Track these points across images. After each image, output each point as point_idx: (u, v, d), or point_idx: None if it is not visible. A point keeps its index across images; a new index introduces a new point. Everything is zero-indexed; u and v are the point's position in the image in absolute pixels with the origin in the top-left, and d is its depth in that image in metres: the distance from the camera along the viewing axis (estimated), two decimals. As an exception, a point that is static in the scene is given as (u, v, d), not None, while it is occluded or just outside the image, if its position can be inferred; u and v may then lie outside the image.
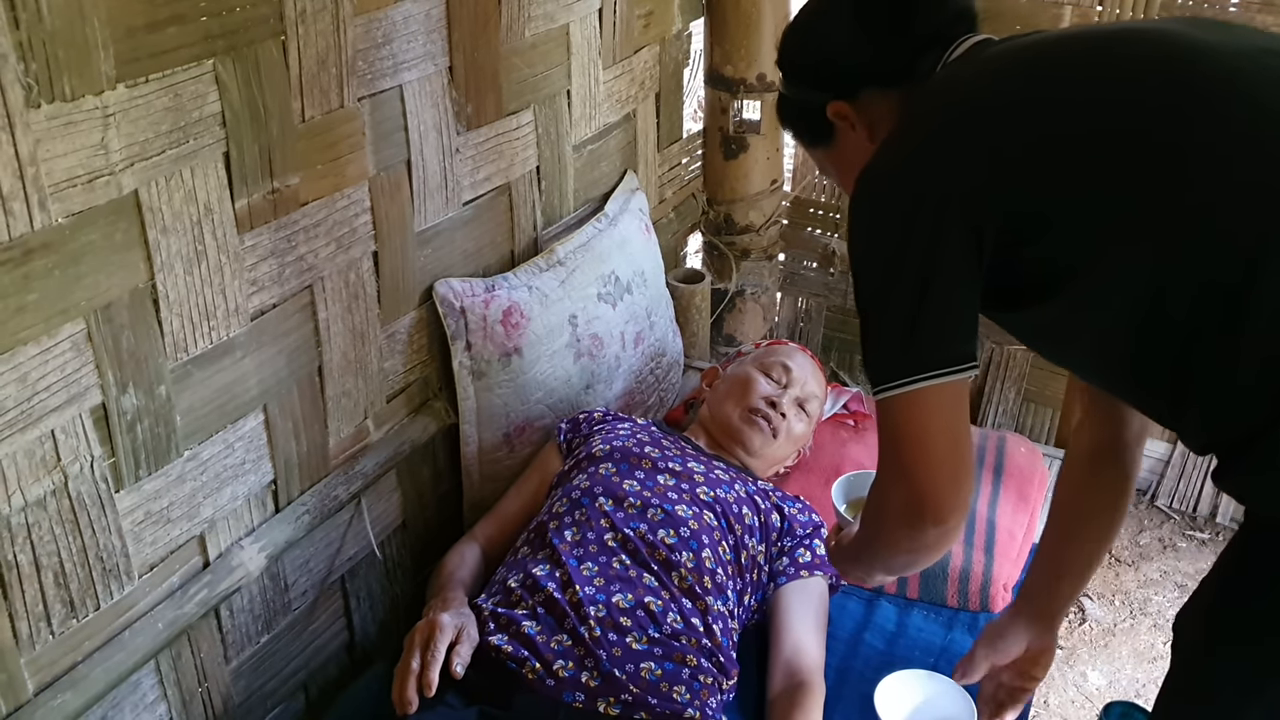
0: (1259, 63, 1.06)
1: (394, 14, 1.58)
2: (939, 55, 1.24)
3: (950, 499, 1.13)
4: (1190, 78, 1.06)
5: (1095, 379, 1.32)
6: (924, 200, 1.11)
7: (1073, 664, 2.34)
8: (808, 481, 2.00)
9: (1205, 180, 1.03)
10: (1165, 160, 1.04)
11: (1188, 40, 1.09)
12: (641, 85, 2.31)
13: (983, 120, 1.12)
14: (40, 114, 1.14)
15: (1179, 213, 1.04)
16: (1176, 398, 1.11)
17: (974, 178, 1.10)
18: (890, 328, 1.13)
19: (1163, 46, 1.10)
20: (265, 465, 1.57)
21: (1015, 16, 2.47)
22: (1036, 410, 2.79)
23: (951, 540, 1.19)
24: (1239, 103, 1.04)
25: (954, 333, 1.12)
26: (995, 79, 1.16)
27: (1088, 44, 1.16)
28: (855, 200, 1.17)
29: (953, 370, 1.10)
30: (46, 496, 1.27)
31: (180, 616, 1.46)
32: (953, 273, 1.10)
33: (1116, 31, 1.16)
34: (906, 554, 1.22)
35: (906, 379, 1.10)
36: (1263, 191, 1.01)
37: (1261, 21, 2.26)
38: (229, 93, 1.35)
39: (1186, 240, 1.03)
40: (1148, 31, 1.16)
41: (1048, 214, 1.09)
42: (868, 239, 1.16)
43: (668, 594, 1.56)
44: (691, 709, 1.46)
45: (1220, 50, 1.08)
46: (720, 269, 2.79)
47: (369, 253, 1.66)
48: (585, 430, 1.88)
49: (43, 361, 1.22)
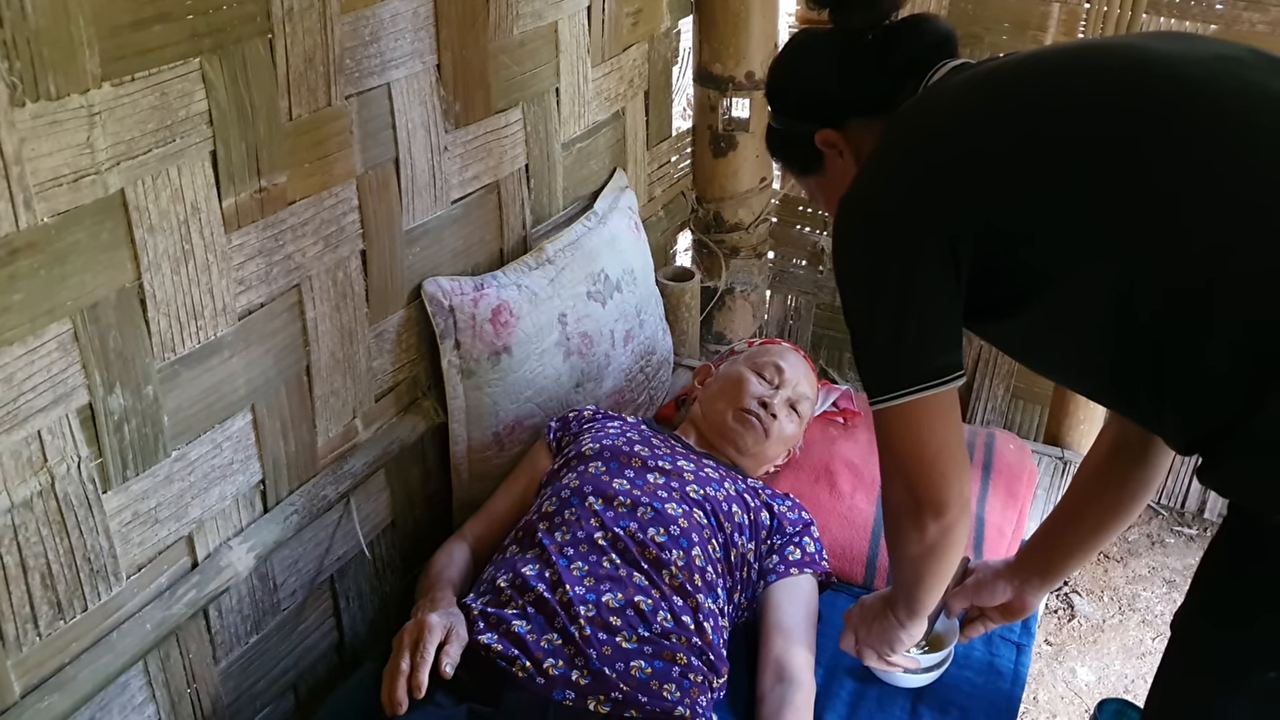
0: (1238, 78, 1.09)
1: (381, 11, 1.58)
2: (919, 81, 1.28)
3: (943, 494, 1.24)
4: (1154, 85, 1.09)
5: (1079, 387, 1.37)
6: (901, 221, 1.17)
7: (1062, 660, 2.35)
8: (798, 479, 2.00)
9: (1170, 184, 1.06)
10: (1131, 166, 1.07)
11: (1152, 52, 1.13)
12: (630, 83, 2.31)
13: (954, 140, 1.17)
14: (25, 113, 1.14)
15: (1146, 219, 1.06)
16: (1154, 400, 1.13)
17: (948, 196, 1.15)
18: (877, 345, 1.22)
19: (1128, 57, 1.14)
20: (253, 465, 1.56)
21: (1004, 14, 2.48)
22: (1025, 407, 2.79)
23: (957, 536, 1.29)
24: (1210, 112, 1.07)
25: (938, 347, 1.19)
26: (967, 100, 1.20)
27: (1055, 60, 1.20)
28: (838, 223, 1.23)
29: (939, 383, 1.18)
30: (33, 497, 1.26)
31: (169, 617, 1.45)
32: (933, 289, 1.16)
33: (1082, 47, 1.22)
34: (913, 555, 1.32)
35: (896, 393, 1.19)
36: (1229, 199, 1.04)
37: (1248, 19, 2.27)
38: (216, 91, 1.34)
39: (1153, 244, 1.06)
40: (1112, 45, 1.21)
41: (1020, 225, 1.13)
42: (850, 260, 1.23)
43: (658, 593, 1.56)
44: (682, 707, 1.46)
45: (1184, 59, 1.10)
46: (710, 267, 2.79)
47: (357, 251, 1.66)
48: (575, 429, 1.88)
49: (29, 362, 1.22)
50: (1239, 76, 1.08)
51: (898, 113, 1.26)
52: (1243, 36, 2.28)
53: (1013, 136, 1.13)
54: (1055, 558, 1.55)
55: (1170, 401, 1.11)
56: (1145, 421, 1.22)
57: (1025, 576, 1.58)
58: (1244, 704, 1.12)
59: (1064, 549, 1.54)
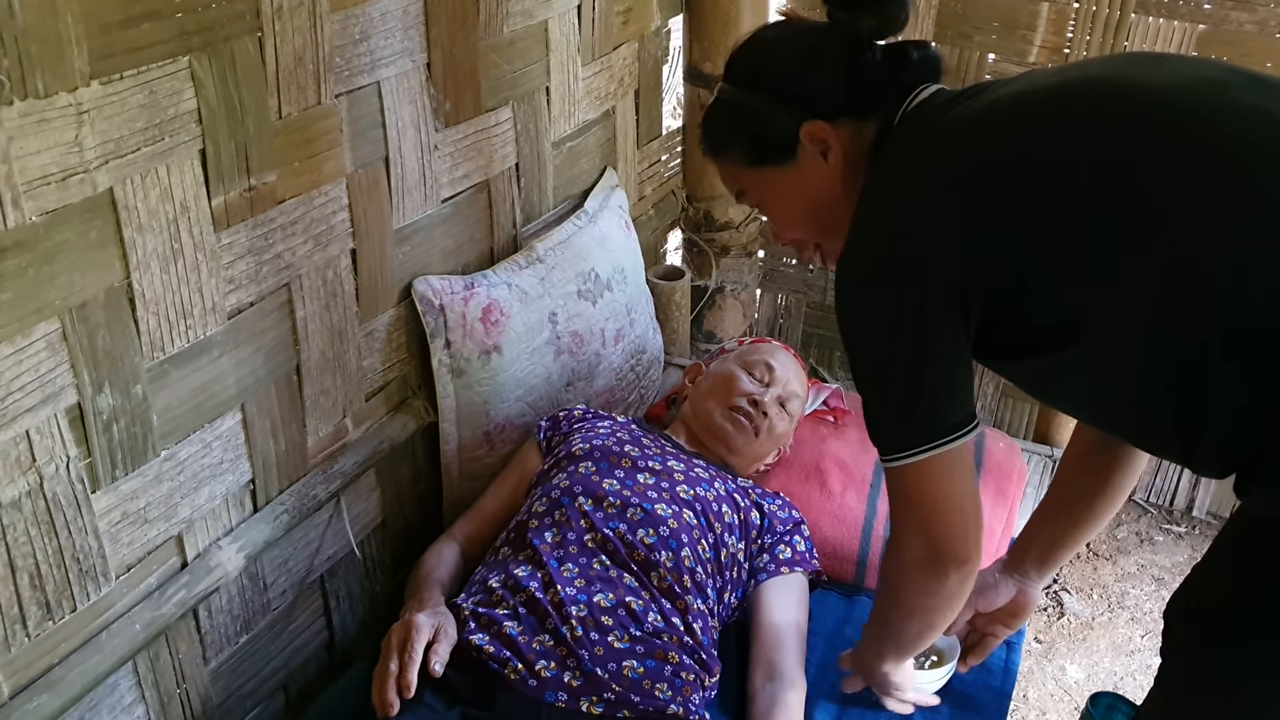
0: (1225, 98, 1.08)
1: (371, 10, 1.58)
2: (902, 101, 1.26)
3: (966, 543, 1.24)
4: (1160, 123, 1.08)
5: (1101, 425, 1.36)
6: (906, 280, 1.14)
7: (1051, 658, 2.36)
8: (788, 478, 2.01)
9: (1180, 233, 1.04)
10: (1139, 211, 1.05)
11: (1143, 84, 1.11)
12: (620, 82, 2.31)
13: (953, 189, 1.14)
14: (13, 111, 1.13)
15: (1154, 267, 1.05)
16: (1185, 434, 1.12)
17: (950, 248, 1.13)
18: (890, 405, 1.20)
19: (1118, 92, 1.12)
20: (243, 465, 1.56)
21: (993, 14, 2.48)
22: (1015, 405, 2.80)
23: (970, 584, 1.30)
24: (1220, 143, 1.05)
25: (950, 403, 1.18)
26: (961, 143, 1.17)
27: (1041, 99, 1.17)
28: (841, 282, 1.21)
29: (957, 436, 1.18)
30: (22, 497, 1.26)
31: (158, 617, 1.45)
32: (943, 346, 1.15)
33: (1067, 84, 1.17)
34: (929, 608, 1.32)
35: (911, 451, 1.18)
36: (1230, 219, 1.03)
37: (1236, 18, 2.28)
38: (205, 89, 1.34)
39: (1163, 297, 1.05)
40: (1100, 80, 1.16)
41: (1024, 273, 1.12)
42: (855, 320, 1.21)
43: (648, 594, 1.56)
44: (674, 705, 1.46)
45: (1173, 90, 1.09)
46: (700, 266, 2.79)
47: (347, 250, 1.66)
48: (565, 429, 1.88)
49: (17, 361, 1.21)
50: (1226, 98, 1.08)
51: (888, 151, 1.24)
52: (1231, 36, 2.29)
53: (1014, 188, 1.11)
54: (1049, 547, 1.56)
55: (1205, 433, 1.10)
56: (1171, 455, 1.22)
57: (1023, 570, 1.59)
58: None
59: (1056, 537, 1.55)
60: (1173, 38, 2.34)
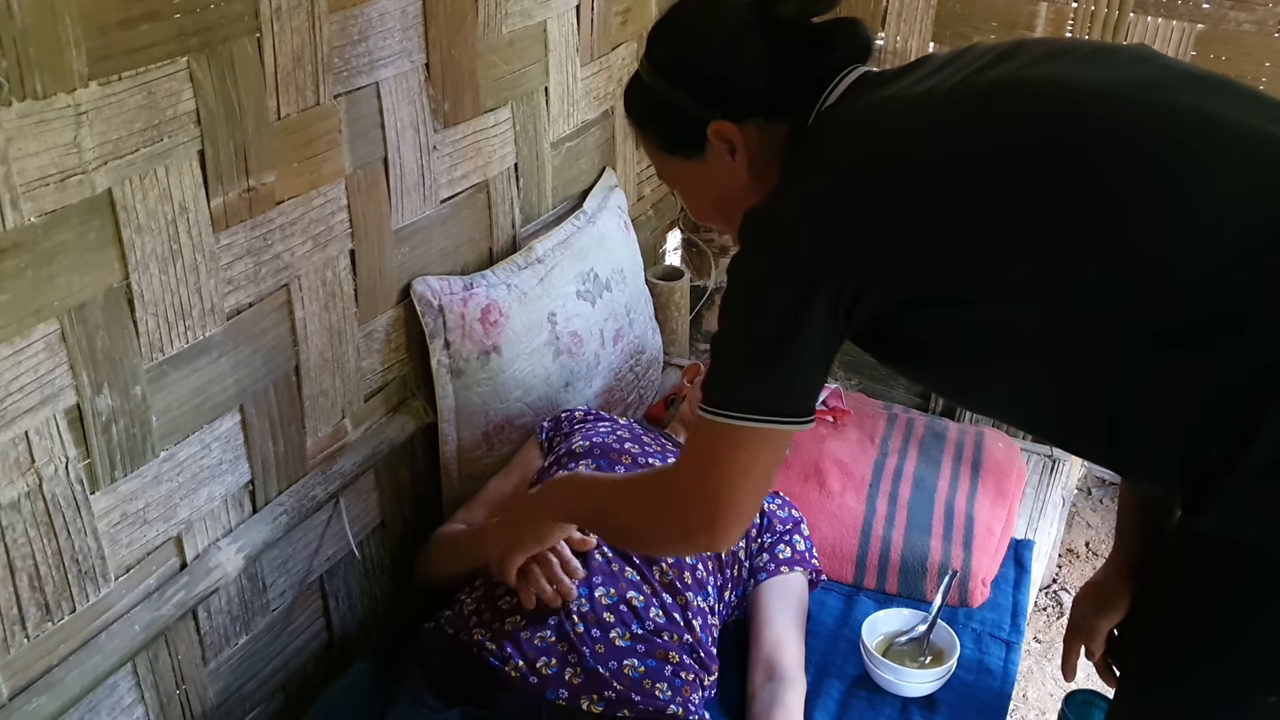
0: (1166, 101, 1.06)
1: (370, 10, 1.58)
2: (823, 89, 1.21)
3: (737, 532, 1.19)
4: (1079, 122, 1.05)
5: (1041, 435, 1.33)
6: (802, 258, 1.09)
7: (1051, 657, 2.36)
8: (787, 478, 2.01)
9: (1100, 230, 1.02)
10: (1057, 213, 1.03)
11: (1074, 83, 1.08)
12: (619, 82, 2.31)
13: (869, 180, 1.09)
14: (11, 112, 1.13)
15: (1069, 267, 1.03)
16: (1137, 441, 1.11)
17: (853, 241, 1.09)
18: (743, 360, 1.14)
19: (1048, 89, 1.08)
20: (242, 465, 1.56)
21: (992, 14, 2.48)
22: (1014, 405, 2.79)
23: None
24: (1148, 144, 1.03)
25: (802, 387, 1.13)
26: (886, 136, 1.12)
27: (976, 94, 1.11)
28: (743, 233, 1.15)
29: (788, 421, 1.13)
30: (20, 499, 1.26)
31: (157, 618, 1.45)
32: (816, 331, 1.10)
33: (1004, 80, 1.11)
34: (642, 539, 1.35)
35: (743, 415, 1.12)
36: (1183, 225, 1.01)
37: (1234, 18, 2.28)
38: (203, 90, 1.34)
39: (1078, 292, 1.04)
40: (1034, 80, 1.11)
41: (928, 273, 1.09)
42: (745, 272, 1.15)
43: (649, 588, 1.56)
44: (674, 705, 1.46)
45: (1106, 89, 1.06)
46: (699, 266, 2.79)
47: (346, 251, 1.66)
48: (566, 429, 1.88)
49: (15, 362, 1.21)
50: (1157, 98, 1.06)
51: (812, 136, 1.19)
52: (1229, 36, 2.29)
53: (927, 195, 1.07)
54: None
55: (1161, 439, 1.08)
56: (1117, 464, 1.20)
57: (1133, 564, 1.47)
58: None
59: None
60: (1171, 37, 2.34)
